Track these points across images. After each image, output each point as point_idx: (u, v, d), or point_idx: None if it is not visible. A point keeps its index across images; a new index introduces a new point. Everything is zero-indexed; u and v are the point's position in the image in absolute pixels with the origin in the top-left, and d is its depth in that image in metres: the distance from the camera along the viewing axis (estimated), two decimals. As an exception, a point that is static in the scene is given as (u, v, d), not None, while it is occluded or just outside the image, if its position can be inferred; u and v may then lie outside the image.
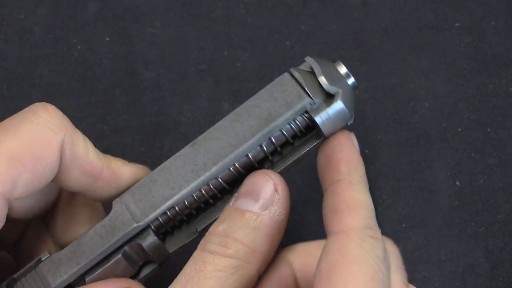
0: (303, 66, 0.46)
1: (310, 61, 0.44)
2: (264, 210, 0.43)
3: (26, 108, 0.44)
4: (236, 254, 0.42)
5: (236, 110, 0.45)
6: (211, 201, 0.46)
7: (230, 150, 0.44)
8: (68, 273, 0.45)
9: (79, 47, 0.61)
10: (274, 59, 0.60)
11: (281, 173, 0.45)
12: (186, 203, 0.45)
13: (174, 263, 0.45)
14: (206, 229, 0.46)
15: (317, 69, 0.44)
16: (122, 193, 0.46)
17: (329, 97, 0.44)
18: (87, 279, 0.46)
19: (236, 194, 0.45)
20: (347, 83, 0.45)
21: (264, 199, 0.44)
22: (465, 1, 0.61)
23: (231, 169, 0.45)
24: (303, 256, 0.46)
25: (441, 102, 0.59)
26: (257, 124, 0.44)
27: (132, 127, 0.58)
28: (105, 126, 0.58)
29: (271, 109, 0.44)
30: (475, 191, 0.56)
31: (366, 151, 0.58)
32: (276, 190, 0.44)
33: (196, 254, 0.43)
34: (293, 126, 0.44)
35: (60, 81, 0.60)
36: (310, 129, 0.45)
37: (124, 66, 0.60)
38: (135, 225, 0.45)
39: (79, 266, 0.45)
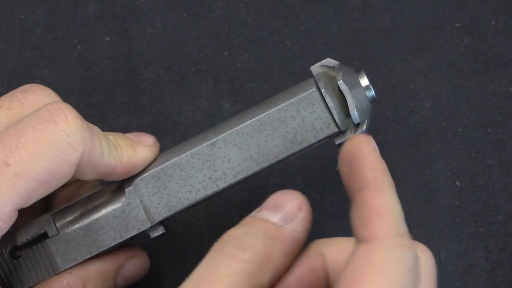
0: (325, 64, 0.45)
1: (343, 88, 0.44)
2: (286, 224, 0.43)
3: (45, 112, 0.43)
4: (251, 259, 0.41)
5: (260, 118, 0.45)
6: None
7: (252, 167, 0.44)
8: (77, 259, 0.46)
9: (79, 47, 0.61)
10: (274, 59, 0.60)
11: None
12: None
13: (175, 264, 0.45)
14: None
15: (351, 104, 0.44)
16: (133, 177, 0.46)
17: (355, 124, 0.44)
18: None
19: (258, 209, 0.44)
20: (366, 95, 0.45)
21: (287, 213, 0.43)
22: (465, 1, 0.61)
23: None
24: (337, 250, 0.45)
25: (441, 102, 0.58)
26: (282, 145, 0.44)
27: (132, 127, 0.58)
28: (105, 126, 0.58)
29: (298, 131, 0.44)
30: (475, 191, 0.56)
31: (366, 151, 0.58)
32: (300, 209, 0.43)
33: (210, 255, 0.42)
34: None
35: (60, 81, 0.60)
36: None
37: (124, 66, 0.60)
38: (150, 225, 0.45)
39: (89, 256, 0.46)
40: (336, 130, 0.44)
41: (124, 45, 0.60)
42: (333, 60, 0.45)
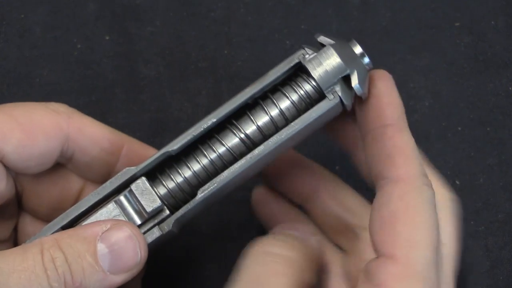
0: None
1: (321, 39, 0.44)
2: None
3: None
4: (292, 261, 0.43)
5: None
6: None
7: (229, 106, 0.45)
8: (59, 221, 0.44)
9: (79, 46, 0.61)
10: (274, 58, 0.60)
11: (291, 142, 0.44)
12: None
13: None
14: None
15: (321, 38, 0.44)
16: None
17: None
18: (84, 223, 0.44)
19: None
20: (362, 62, 0.44)
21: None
22: (465, 1, 0.61)
23: (233, 130, 0.45)
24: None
25: (441, 101, 0.59)
26: (255, 83, 0.46)
27: (132, 124, 0.58)
28: (105, 123, 0.58)
29: (270, 71, 0.46)
30: (475, 190, 0.56)
31: (366, 150, 0.58)
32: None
33: (250, 264, 0.42)
34: (293, 86, 0.44)
35: (60, 80, 0.60)
36: (317, 97, 0.44)
37: (124, 65, 0.60)
38: (127, 168, 0.44)
39: (68, 212, 0.44)
40: (301, 50, 0.44)
41: (124, 43, 0.60)
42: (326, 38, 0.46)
